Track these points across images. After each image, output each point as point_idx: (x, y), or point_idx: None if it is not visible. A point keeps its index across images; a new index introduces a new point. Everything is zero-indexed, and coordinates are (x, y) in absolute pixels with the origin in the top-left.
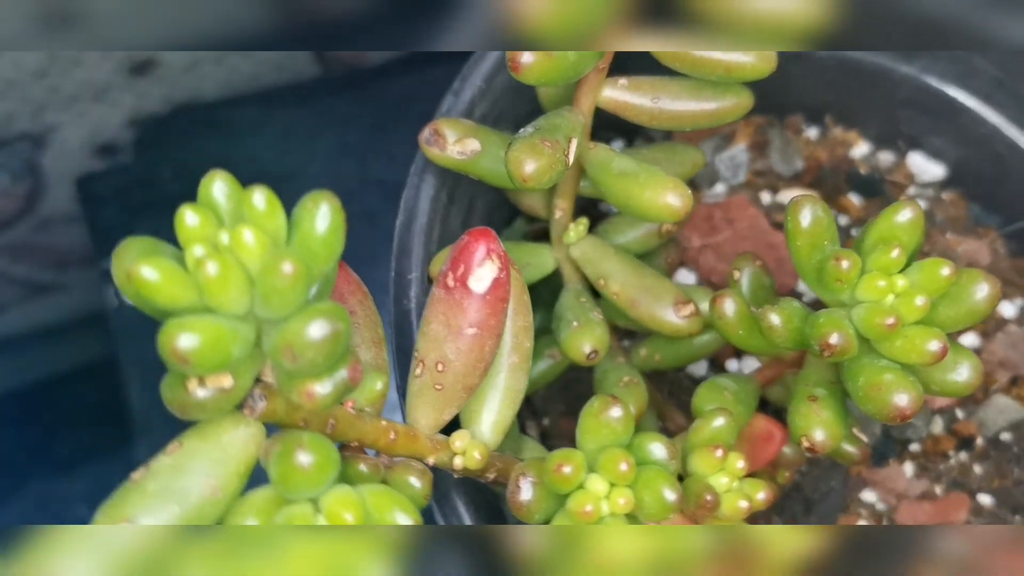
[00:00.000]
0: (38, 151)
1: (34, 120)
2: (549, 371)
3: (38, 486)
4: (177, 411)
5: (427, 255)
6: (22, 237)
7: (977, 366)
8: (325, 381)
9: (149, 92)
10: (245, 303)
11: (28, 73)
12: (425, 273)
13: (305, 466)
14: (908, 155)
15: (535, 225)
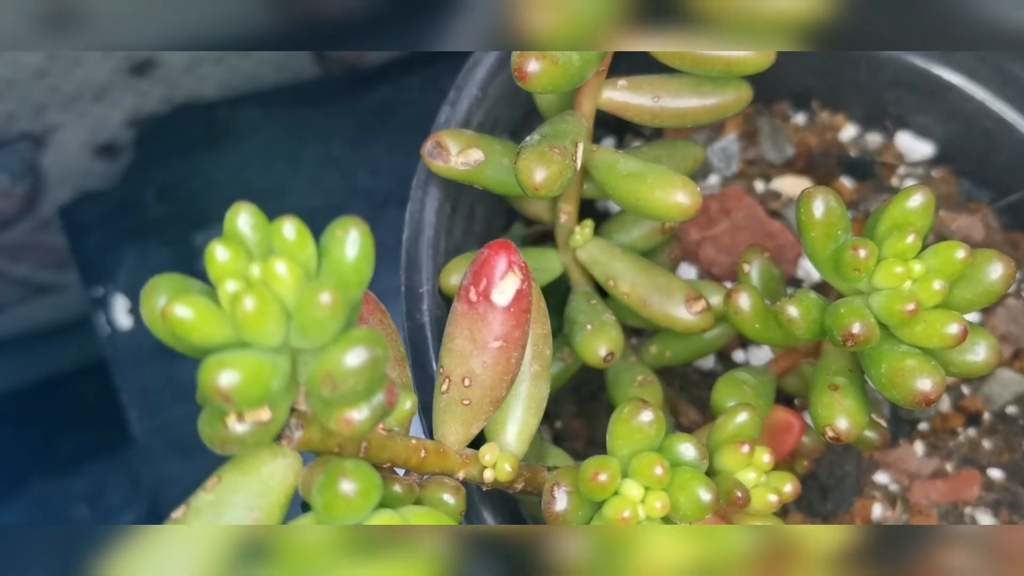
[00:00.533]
0: (38, 151)
1: (34, 120)
2: (561, 374)
3: (38, 486)
4: (216, 447)
5: (436, 268)
6: (22, 237)
7: (993, 344)
8: (362, 407)
9: (149, 92)
10: (281, 335)
11: (28, 73)
12: (436, 286)
13: (350, 494)
14: (896, 135)
15: (533, 228)
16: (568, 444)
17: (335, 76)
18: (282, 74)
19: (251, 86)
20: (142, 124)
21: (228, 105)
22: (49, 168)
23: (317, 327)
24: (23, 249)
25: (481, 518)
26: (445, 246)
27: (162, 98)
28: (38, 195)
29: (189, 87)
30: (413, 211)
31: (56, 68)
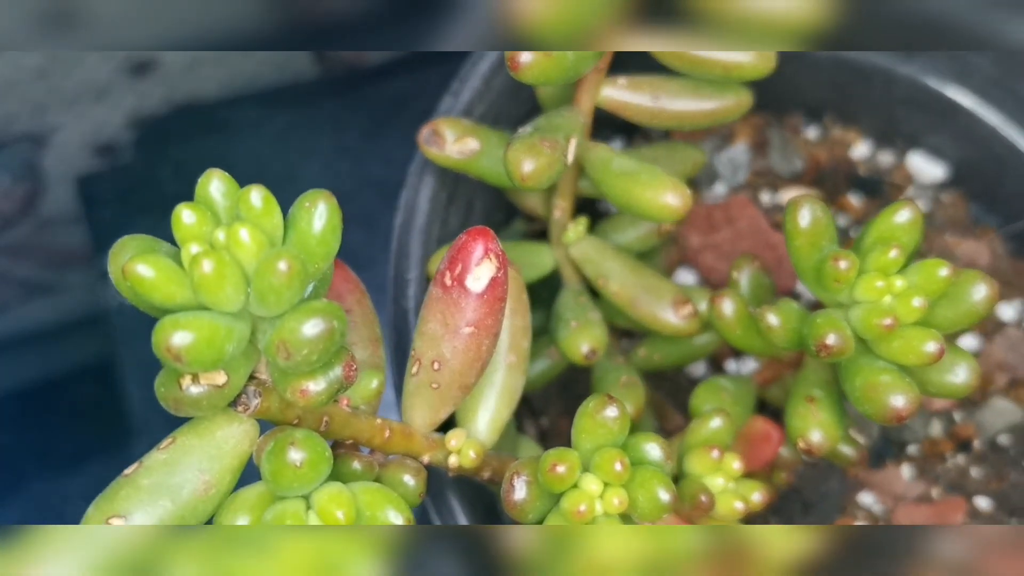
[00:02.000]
0: (38, 151)
1: (34, 120)
2: (548, 371)
3: (38, 486)
4: (171, 407)
5: (426, 255)
6: (22, 237)
7: (974, 367)
8: (319, 379)
9: (149, 92)
10: (240, 301)
11: (28, 73)
12: (424, 273)
13: (297, 463)
14: (907, 155)
15: (534, 225)
16: (554, 442)
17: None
18: (283, 74)
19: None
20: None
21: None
22: (49, 168)
23: (274, 294)
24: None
25: (448, 504)
26: (439, 234)
27: (162, 98)
28: (38, 195)
29: (189, 87)
30: (407, 197)
31: (56, 68)
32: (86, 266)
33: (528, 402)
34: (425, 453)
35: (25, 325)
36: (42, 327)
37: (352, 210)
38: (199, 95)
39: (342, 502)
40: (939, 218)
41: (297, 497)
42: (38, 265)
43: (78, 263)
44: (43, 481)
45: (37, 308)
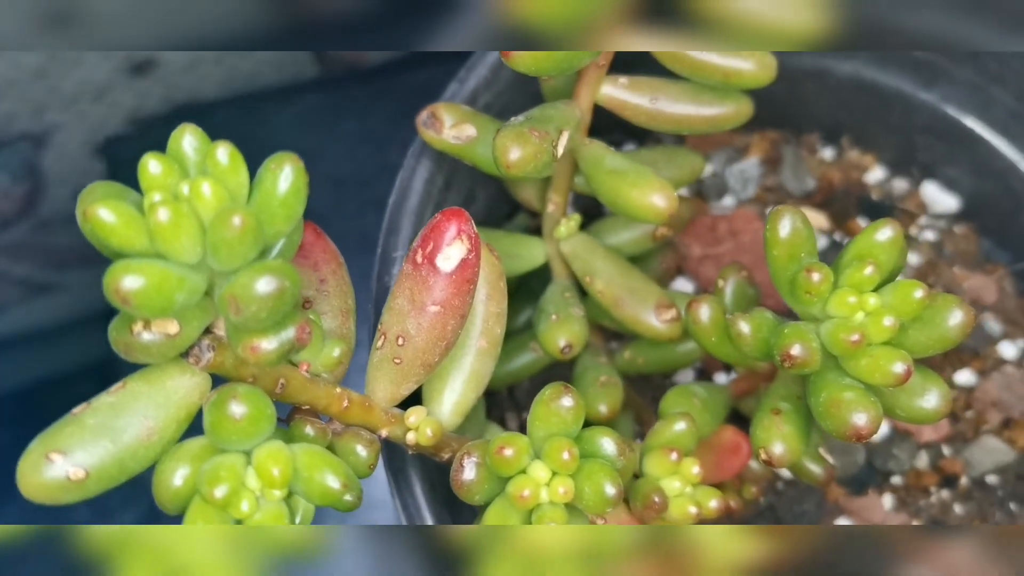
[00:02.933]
0: (38, 151)
1: (34, 120)
2: (532, 364)
3: None
4: (122, 352)
5: (415, 235)
6: (22, 237)
7: (946, 394)
8: (271, 338)
9: (149, 92)
10: (197, 253)
11: (28, 73)
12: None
13: (237, 416)
14: (922, 184)
15: (537, 220)
16: None
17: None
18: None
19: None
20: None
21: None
22: (49, 168)
23: (227, 248)
24: (23, 249)
25: (408, 481)
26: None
27: (162, 98)
28: (38, 195)
29: (189, 87)
30: (403, 178)
31: (56, 68)
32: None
33: (512, 395)
34: (384, 427)
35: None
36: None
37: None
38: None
39: (279, 460)
40: (948, 250)
41: (238, 452)
42: (38, 265)
43: (78, 263)
44: None
45: (37, 308)
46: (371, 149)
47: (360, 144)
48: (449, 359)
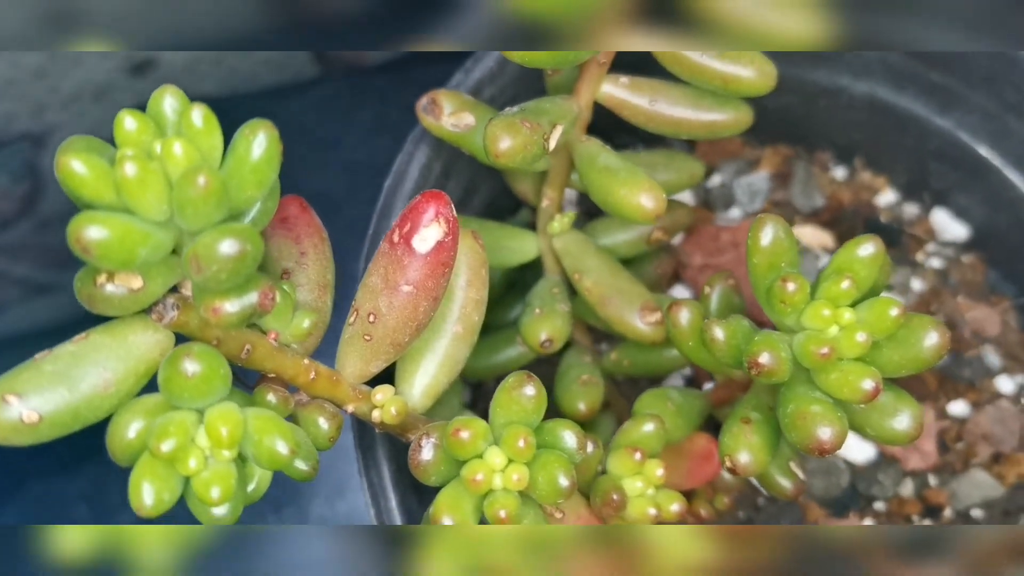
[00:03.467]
0: (38, 151)
1: (34, 120)
2: (519, 358)
3: (38, 486)
4: (85, 303)
5: None
6: (22, 237)
7: (918, 416)
8: (234, 301)
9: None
10: (164, 211)
11: (28, 73)
12: None
13: (189, 374)
14: (933, 210)
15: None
16: None
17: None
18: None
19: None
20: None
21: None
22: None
23: (191, 207)
24: (23, 249)
25: (376, 459)
26: None
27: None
28: (38, 195)
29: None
30: (400, 162)
31: (56, 68)
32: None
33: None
34: (350, 403)
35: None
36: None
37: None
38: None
39: (229, 420)
40: (954, 279)
41: (192, 410)
42: (38, 265)
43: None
44: (42, 482)
45: (37, 308)
46: (388, 138)
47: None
48: (423, 342)
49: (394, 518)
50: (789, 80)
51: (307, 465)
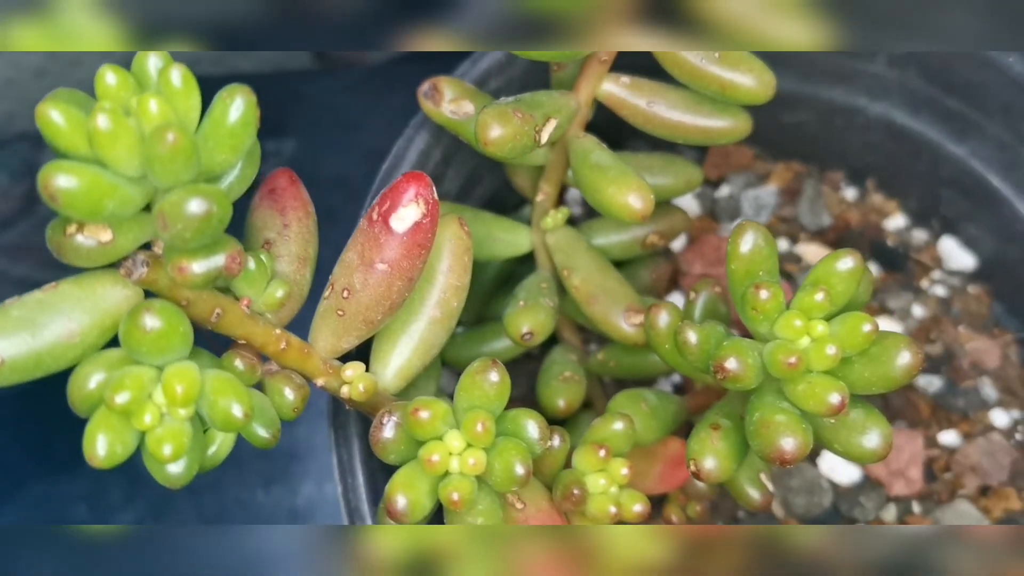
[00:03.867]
0: (38, 151)
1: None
2: (506, 351)
3: (38, 486)
4: (55, 252)
5: None
6: (22, 237)
7: (887, 436)
8: (200, 261)
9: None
10: (135, 166)
11: (28, 73)
12: None
13: (148, 329)
14: (941, 238)
15: None
16: None
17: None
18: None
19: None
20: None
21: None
22: None
23: (160, 164)
24: (23, 249)
25: (348, 437)
26: None
27: None
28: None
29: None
30: (399, 146)
31: (56, 68)
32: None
33: None
34: (321, 376)
35: None
36: None
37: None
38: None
39: (185, 378)
40: (957, 308)
41: (152, 366)
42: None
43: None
44: (42, 482)
45: None
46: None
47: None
48: (400, 323)
49: (360, 496)
50: (805, 97)
51: (267, 432)
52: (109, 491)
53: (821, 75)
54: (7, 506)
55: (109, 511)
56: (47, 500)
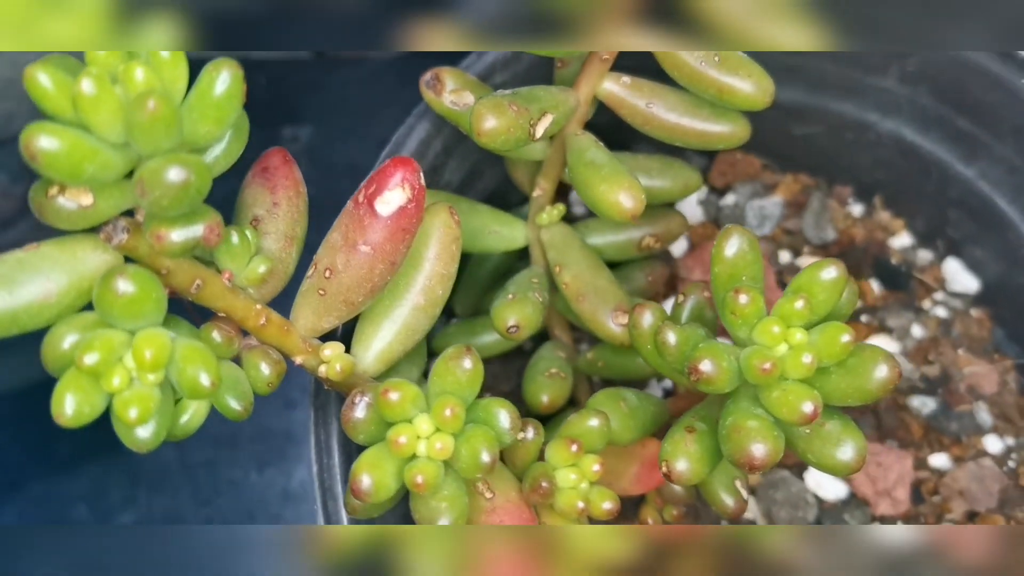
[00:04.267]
0: None
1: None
2: (496, 344)
3: (38, 486)
4: (36, 212)
5: None
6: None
7: (861, 449)
8: (178, 230)
9: None
10: (118, 132)
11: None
12: None
13: (120, 292)
14: (946, 259)
15: None
16: None
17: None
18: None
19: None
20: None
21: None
22: None
23: (141, 131)
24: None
25: (327, 418)
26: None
27: None
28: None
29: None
30: (400, 134)
31: None
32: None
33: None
34: (299, 354)
35: None
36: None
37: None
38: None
39: (155, 344)
40: (957, 330)
41: (124, 331)
42: None
43: None
44: (42, 482)
45: None
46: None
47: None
48: (384, 307)
49: (334, 477)
50: (815, 108)
51: (239, 405)
52: (109, 491)
53: (832, 87)
54: (7, 506)
55: (109, 511)
56: (47, 500)
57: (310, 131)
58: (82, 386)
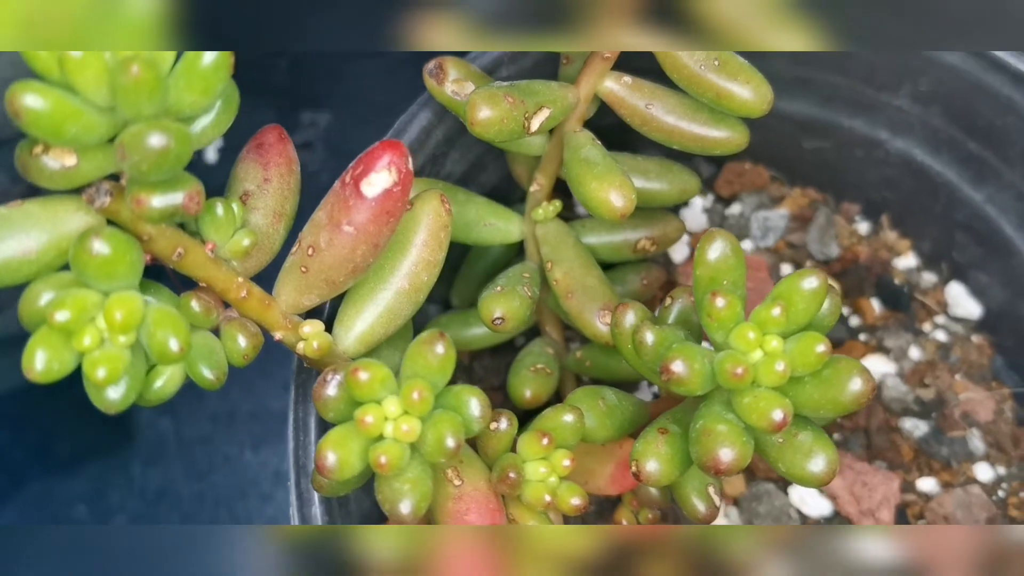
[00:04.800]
0: None
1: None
2: (486, 337)
3: (38, 486)
4: (20, 169)
5: None
6: None
7: (833, 462)
8: (159, 196)
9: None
10: (104, 95)
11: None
12: None
13: (95, 253)
14: (950, 283)
15: None
16: None
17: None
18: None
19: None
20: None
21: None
22: None
23: (124, 94)
24: None
25: (307, 397)
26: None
27: None
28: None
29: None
30: (401, 121)
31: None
32: None
33: (470, 369)
34: (279, 330)
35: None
36: None
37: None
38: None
39: (126, 306)
40: (956, 355)
41: (99, 292)
42: None
43: None
44: (42, 482)
45: None
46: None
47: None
48: (368, 289)
49: (309, 455)
50: (825, 123)
51: (212, 374)
52: (109, 491)
53: (843, 102)
54: (7, 506)
55: (109, 511)
56: (47, 500)
57: (328, 117)
58: (53, 343)
